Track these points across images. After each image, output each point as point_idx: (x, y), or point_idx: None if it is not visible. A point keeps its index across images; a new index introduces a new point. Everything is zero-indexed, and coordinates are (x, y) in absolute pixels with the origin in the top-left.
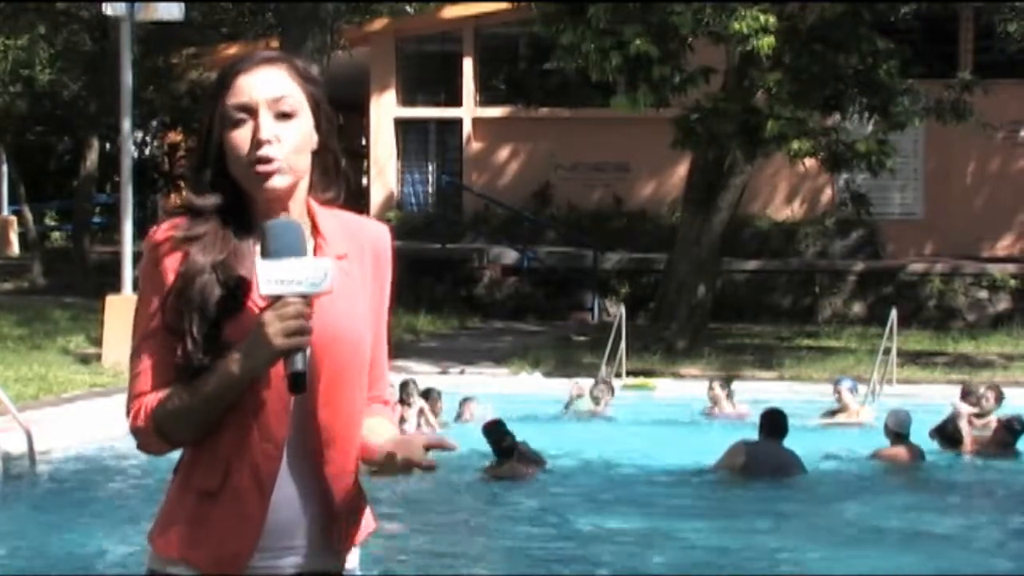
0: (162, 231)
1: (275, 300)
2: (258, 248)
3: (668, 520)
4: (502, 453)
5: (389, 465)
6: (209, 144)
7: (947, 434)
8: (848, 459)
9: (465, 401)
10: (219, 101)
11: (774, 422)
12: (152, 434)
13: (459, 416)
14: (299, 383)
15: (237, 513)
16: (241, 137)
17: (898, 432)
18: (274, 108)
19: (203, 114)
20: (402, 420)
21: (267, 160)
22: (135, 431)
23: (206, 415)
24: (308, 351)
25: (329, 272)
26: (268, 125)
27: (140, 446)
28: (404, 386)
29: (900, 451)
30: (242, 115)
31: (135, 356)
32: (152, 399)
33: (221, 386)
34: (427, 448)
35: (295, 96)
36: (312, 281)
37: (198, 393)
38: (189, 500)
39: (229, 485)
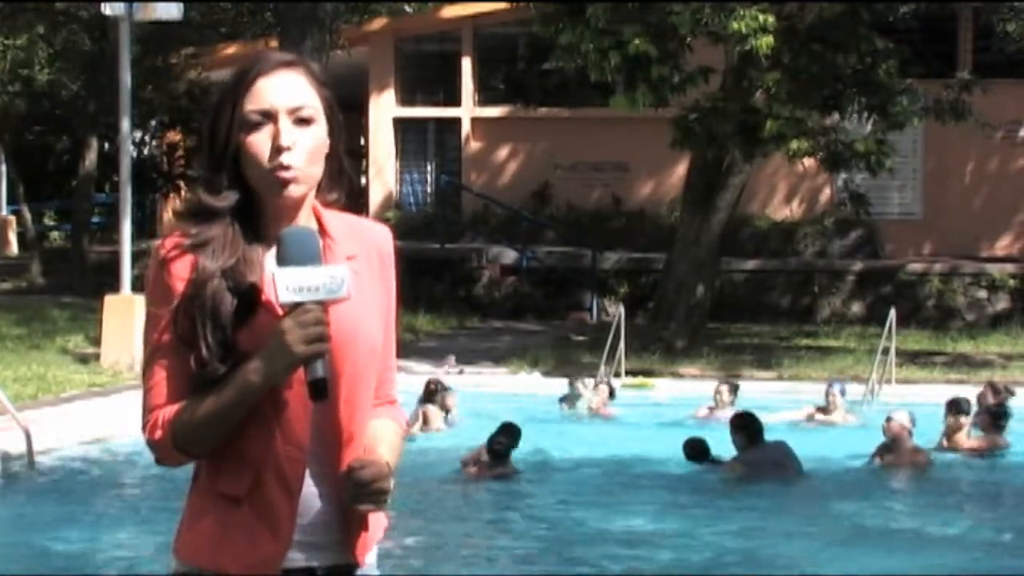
0: (170, 240)
1: (294, 308)
2: (268, 254)
3: (667, 520)
4: (499, 456)
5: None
6: (227, 146)
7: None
8: (846, 459)
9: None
10: (237, 103)
11: (750, 427)
12: (170, 447)
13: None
14: (321, 390)
15: (267, 517)
16: (260, 142)
17: (905, 432)
18: (293, 115)
19: (217, 112)
20: (426, 420)
21: (286, 168)
22: (152, 445)
23: (225, 425)
24: (328, 357)
25: (346, 279)
26: (288, 132)
27: (158, 460)
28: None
29: (912, 452)
30: (261, 119)
31: (148, 369)
32: (168, 411)
33: (241, 395)
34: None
35: (313, 103)
36: (330, 288)
37: (216, 403)
38: (214, 506)
39: (257, 490)
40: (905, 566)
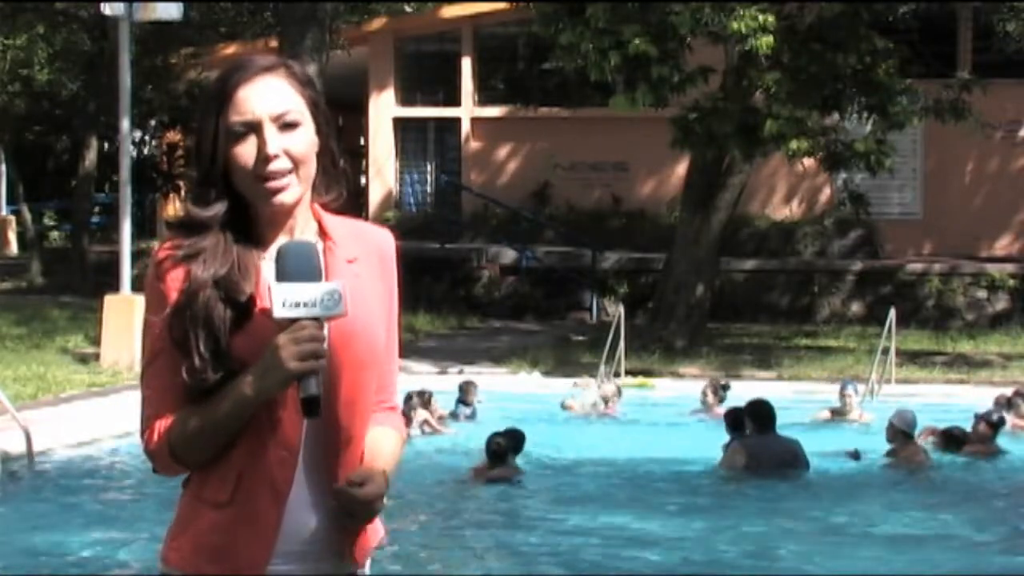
0: (164, 249)
1: (290, 323)
2: (264, 260)
3: (667, 520)
4: (496, 456)
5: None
6: (214, 158)
7: (953, 438)
8: (848, 459)
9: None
10: (220, 115)
11: (761, 414)
12: (167, 457)
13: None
14: (313, 408)
15: (252, 521)
16: (247, 152)
17: (906, 432)
18: (278, 122)
19: (201, 124)
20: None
21: (276, 176)
22: (149, 454)
23: (219, 437)
24: (322, 375)
25: (343, 295)
26: (274, 140)
27: (156, 469)
28: (407, 400)
29: (913, 452)
30: (245, 130)
31: (144, 378)
32: (164, 422)
33: (235, 408)
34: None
35: (297, 106)
36: (326, 305)
37: (211, 415)
38: (201, 512)
39: (242, 494)
40: (906, 566)
